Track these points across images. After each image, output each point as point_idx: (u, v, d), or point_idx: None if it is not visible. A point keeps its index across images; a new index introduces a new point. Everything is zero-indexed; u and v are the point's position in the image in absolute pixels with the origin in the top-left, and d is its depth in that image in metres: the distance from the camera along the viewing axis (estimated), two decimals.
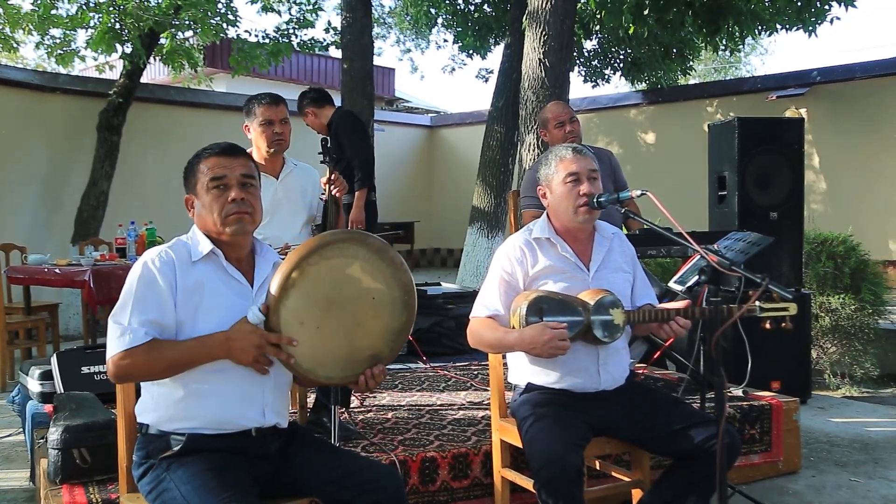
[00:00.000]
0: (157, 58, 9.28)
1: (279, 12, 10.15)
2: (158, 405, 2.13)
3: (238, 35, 9.43)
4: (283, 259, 2.11)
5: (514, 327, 2.58)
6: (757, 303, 2.48)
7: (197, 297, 2.08)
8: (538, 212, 2.88)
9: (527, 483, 2.67)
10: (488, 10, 11.50)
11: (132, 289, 2.06)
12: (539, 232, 2.75)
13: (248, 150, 3.55)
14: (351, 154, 4.72)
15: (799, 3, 8.01)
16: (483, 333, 2.67)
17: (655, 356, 4.44)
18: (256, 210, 2.18)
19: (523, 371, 2.75)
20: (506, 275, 2.69)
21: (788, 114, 9.37)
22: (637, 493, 2.79)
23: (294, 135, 3.57)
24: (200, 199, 2.18)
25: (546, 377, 2.68)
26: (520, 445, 2.65)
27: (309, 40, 10.35)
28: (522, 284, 2.68)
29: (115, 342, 2.01)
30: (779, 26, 8.35)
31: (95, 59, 9.26)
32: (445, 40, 15.43)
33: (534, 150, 6.10)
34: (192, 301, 2.08)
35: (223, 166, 2.16)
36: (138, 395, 2.21)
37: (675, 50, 11.11)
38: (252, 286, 2.18)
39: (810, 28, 8.14)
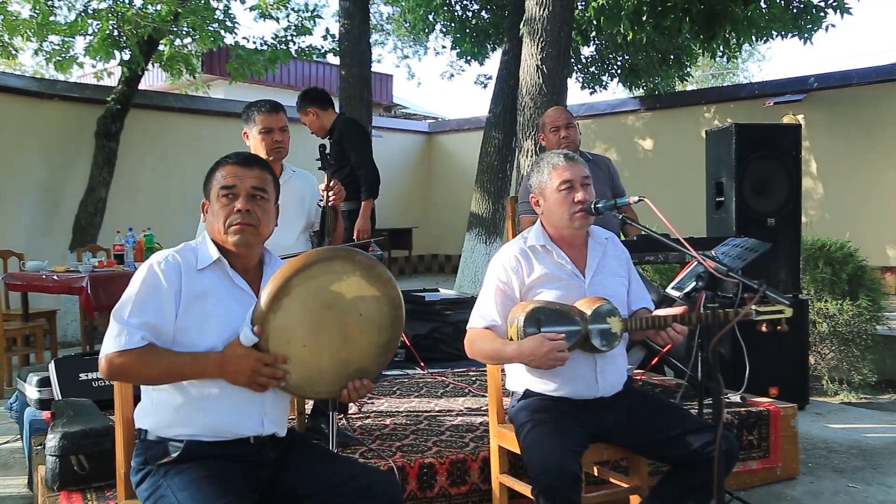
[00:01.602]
0: (156, 64, 9.28)
1: (277, 19, 10.17)
2: (157, 410, 2.13)
3: (236, 42, 9.44)
4: None
5: (511, 339, 2.57)
6: (753, 306, 2.49)
7: (201, 305, 2.09)
8: (536, 217, 2.89)
9: (525, 489, 2.66)
10: (486, 16, 11.53)
11: (135, 289, 2.07)
12: (534, 240, 2.75)
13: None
14: (357, 163, 4.72)
15: (795, 11, 8.05)
16: (481, 345, 2.66)
17: (653, 362, 4.45)
18: (263, 223, 2.18)
19: (521, 377, 2.74)
20: (501, 284, 2.69)
21: (786, 120, 9.40)
22: (635, 500, 2.79)
23: (291, 141, 3.57)
24: (211, 206, 2.20)
25: (544, 385, 2.68)
26: (518, 451, 2.65)
27: (307, 47, 10.36)
28: (518, 293, 2.68)
29: (113, 340, 2.02)
30: (774, 33, 8.39)
31: (94, 66, 9.27)
32: (444, 46, 15.54)
33: (532, 156, 6.12)
34: (196, 308, 2.08)
35: (235, 175, 2.17)
36: (137, 401, 2.21)
37: (672, 56, 11.13)
38: (257, 296, 2.17)
39: (806, 35, 8.19)
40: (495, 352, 2.63)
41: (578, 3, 8.49)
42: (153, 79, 14.38)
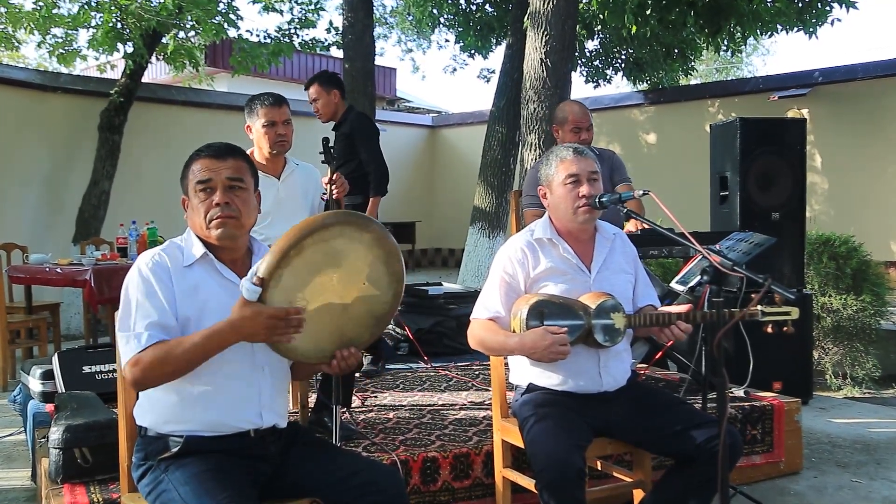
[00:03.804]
0: (159, 57, 9.27)
1: (281, 12, 10.14)
2: (154, 408, 2.12)
3: (240, 35, 9.42)
4: None
5: (514, 331, 2.57)
6: (759, 307, 2.49)
7: (193, 301, 2.07)
8: (540, 211, 2.88)
9: (528, 483, 2.66)
10: (490, 10, 11.50)
11: (131, 296, 2.05)
12: (541, 233, 2.74)
13: (248, 151, 3.58)
14: (367, 160, 4.71)
15: (800, 5, 8.01)
16: (484, 336, 2.66)
17: (657, 357, 4.44)
18: (244, 213, 2.14)
19: (525, 371, 2.74)
20: (507, 276, 2.69)
21: (790, 114, 9.36)
22: (638, 494, 2.79)
23: (295, 134, 3.56)
24: (190, 202, 2.17)
25: (548, 379, 2.68)
26: (521, 446, 2.65)
27: (310, 40, 10.35)
28: (524, 286, 2.68)
29: (125, 349, 2.02)
30: (779, 27, 8.35)
31: (97, 59, 9.26)
32: (447, 40, 15.43)
33: (535, 150, 6.10)
34: (188, 305, 2.06)
35: (210, 169, 2.13)
36: (138, 395, 2.21)
37: (676, 50, 11.10)
38: None
39: (811, 29, 8.15)
40: (497, 343, 2.63)
41: None
42: (157, 72, 14.36)
